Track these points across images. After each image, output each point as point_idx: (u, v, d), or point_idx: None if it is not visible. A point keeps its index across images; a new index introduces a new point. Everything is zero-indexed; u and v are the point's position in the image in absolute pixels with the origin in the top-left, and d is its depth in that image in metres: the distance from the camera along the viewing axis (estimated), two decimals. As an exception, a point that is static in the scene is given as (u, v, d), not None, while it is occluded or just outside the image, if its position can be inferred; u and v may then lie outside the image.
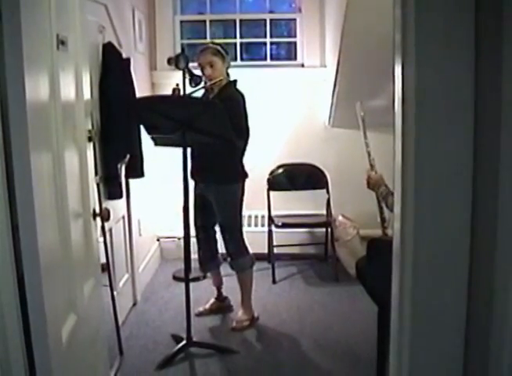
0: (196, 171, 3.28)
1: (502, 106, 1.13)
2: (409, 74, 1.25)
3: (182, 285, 3.04)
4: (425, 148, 1.24)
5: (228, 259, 3.32)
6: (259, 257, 3.45)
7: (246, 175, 3.27)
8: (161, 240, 4.58)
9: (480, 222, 1.24)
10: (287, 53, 4.79)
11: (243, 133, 3.10)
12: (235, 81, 3.24)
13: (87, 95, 1.97)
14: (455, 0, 1.19)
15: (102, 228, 2.60)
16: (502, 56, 1.12)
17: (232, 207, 3.24)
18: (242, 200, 3.26)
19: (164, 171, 4.23)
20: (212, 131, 2.76)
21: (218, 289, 3.57)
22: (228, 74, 3.25)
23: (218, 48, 3.19)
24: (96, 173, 2.43)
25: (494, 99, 1.15)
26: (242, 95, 3.17)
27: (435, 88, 1.22)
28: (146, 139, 3.11)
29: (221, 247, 3.43)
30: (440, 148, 1.24)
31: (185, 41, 4.68)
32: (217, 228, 3.39)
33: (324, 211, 4.30)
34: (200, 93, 3.27)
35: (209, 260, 3.44)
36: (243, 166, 3.25)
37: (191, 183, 3.08)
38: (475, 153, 1.23)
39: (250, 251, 3.34)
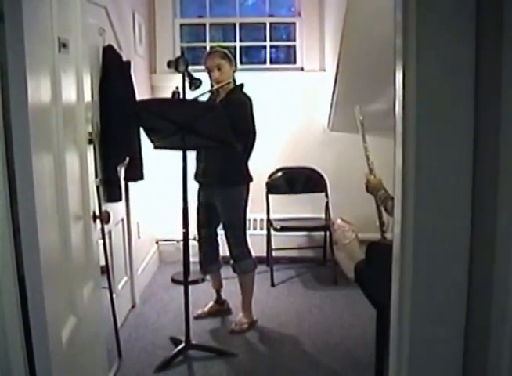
0: (201, 174, 3.28)
1: (502, 110, 1.14)
2: (410, 77, 1.25)
3: (181, 288, 3.04)
4: (426, 152, 1.25)
5: (231, 262, 3.31)
6: (258, 260, 3.45)
7: (251, 179, 3.28)
8: (160, 242, 4.58)
9: (480, 226, 1.25)
10: (287, 57, 4.80)
11: (246, 137, 3.10)
12: (241, 85, 3.24)
13: (87, 97, 1.97)
14: (456, 3, 1.19)
15: (102, 230, 2.60)
16: (502, 59, 1.13)
17: (236, 209, 3.24)
18: (246, 204, 3.27)
19: (163, 174, 4.24)
20: (211, 134, 2.76)
21: (218, 292, 3.56)
22: (234, 78, 3.26)
23: (226, 51, 3.22)
24: (96, 176, 2.43)
25: (495, 103, 1.15)
26: (249, 99, 3.17)
27: (436, 91, 1.23)
28: (145, 141, 3.11)
29: (222, 250, 3.44)
30: (441, 152, 1.24)
31: (185, 45, 4.69)
32: (219, 231, 3.40)
33: (323, 215, 4.31)
34: (205, 97, 3.27)
35: (210, 262, 3.43)
36: (248, 169, 3.26)
37: (191, 186, 3.07)
38: (475, 157, 1.23)
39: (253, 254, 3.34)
